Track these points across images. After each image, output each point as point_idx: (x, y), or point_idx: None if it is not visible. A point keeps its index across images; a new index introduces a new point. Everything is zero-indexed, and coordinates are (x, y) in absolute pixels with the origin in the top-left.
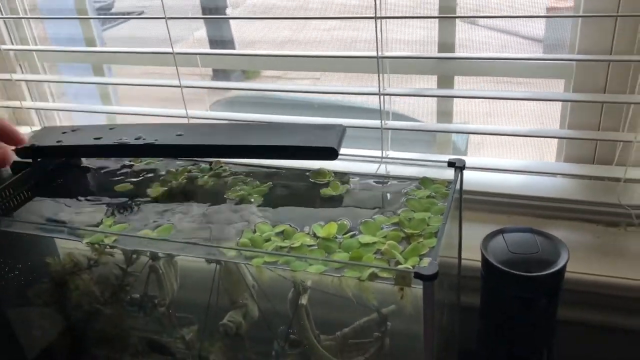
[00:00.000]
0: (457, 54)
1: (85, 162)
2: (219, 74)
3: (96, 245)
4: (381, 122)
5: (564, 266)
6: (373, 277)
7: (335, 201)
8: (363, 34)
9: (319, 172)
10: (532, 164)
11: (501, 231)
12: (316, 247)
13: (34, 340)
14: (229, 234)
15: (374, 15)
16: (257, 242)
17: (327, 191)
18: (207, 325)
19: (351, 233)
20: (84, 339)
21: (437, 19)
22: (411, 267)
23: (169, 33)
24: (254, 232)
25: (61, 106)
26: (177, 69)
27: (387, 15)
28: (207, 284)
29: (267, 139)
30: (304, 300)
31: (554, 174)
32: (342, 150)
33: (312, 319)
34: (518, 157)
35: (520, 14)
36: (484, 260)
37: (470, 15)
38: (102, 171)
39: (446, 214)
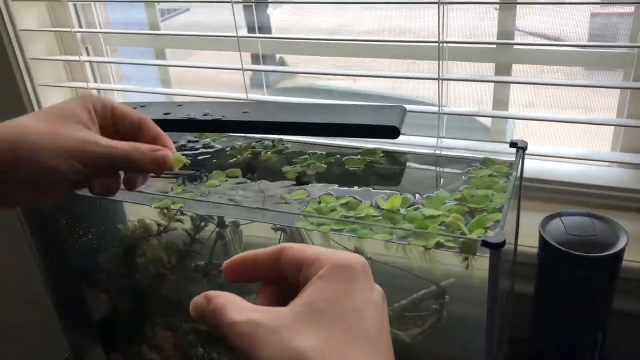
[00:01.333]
0: (516, 41)
1: None
2: (259, 61)
3: (165, 211)
4: (439, 107)
5: (623, 249)
6: (439, 245)
7: (394, 179)
8: (417, 23)
9: (374, 151)
10: (591, 153)
11: (559, 214)
12: (380, 218)
13: (100, 303)
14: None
15: (437, 0)
16: (322, 211)
17: (384, 170)
18: None
19: (415, 206)
20: (147, 304)
21: (498, 6)
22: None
23: (234, 18)
24: (319, 202)
25: (126, 87)
26: (240, 53)
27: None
28: None
29: (330, 117)
30: None
31: (610, 163)
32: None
33: None
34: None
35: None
36: (542, 241)
37: (531, 1)
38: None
39: (511, 186)
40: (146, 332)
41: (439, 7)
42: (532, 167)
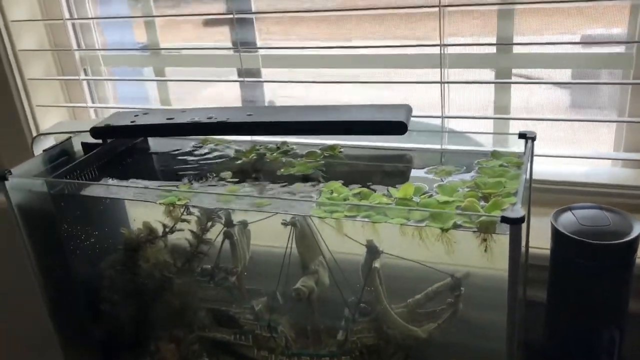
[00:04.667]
0: (516, 42)
1: (153, 148)
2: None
3: (171, 207)
4: (442, 110)
5: (638, 237)
6: (456, 226)
7: (401, 176)
8: (417, 32)
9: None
10: (594, 153)
11: (569, 208)
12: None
13: (101, 316)
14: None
15: (438, 4)
16: (335, 201)
17: (390, 168)
18: (278, 288)
19: (428, 194)
20: (151, 313)
21: (497, 12)
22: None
23: (236, 32)
24: (331, 192)
25: (123, 107)
26: (241, 62)
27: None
28: (278, 259)
29: (336, 116)
30: (377, 264)
31: (614, 164)
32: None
33: (384, 288)
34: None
35: None
36: (555, 233)
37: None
38: (171, 154)
39: (525, 166)
40: (149, 345)
41: (439, 11)
42: (537, 169)
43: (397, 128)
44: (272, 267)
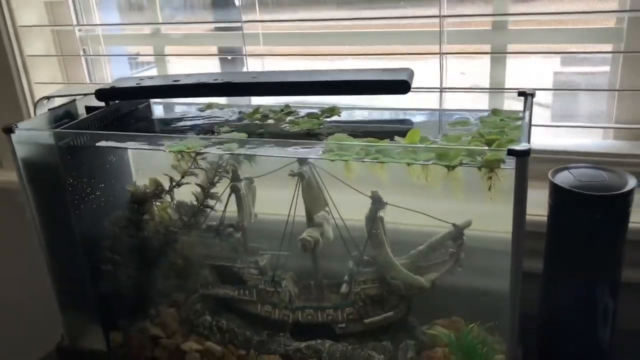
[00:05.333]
0: (513, 12)
1: (156, 114)
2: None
3: (180, 156)
4: (440, 83)
5: (633, 189)
6: (462, 164)
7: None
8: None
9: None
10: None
11: (566, 167)
12: (400, 151)
13: (103, 277)
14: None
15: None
16: (342, 146)
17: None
18: (283, 242)
19: (433, 141)
20: (155, 272)
21: None
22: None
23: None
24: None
25: None
26: (243, 40)
27: None
28: (282, 218)
29: (339, 77)
30: (382, 214)
31: (608, 134)
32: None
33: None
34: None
35: None
36: (553, 188)
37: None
38: (175, 118)
39: (524, 115)
40: (150, 308)
41: None
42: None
43: (401, 86)
44: (276, 225)
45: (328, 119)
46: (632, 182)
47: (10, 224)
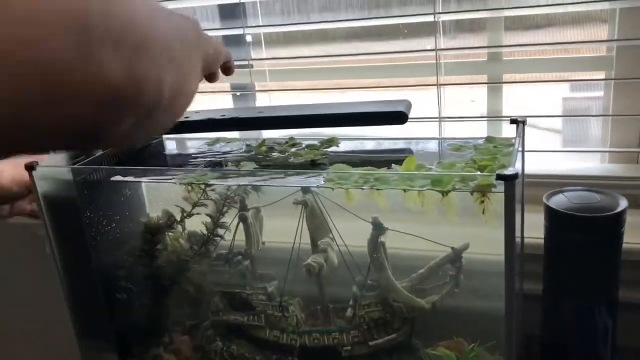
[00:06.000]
0: (505, 7)
1: (168, 149)
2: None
3: (189, 188)
4: (437, 78)
5: (625, 210)
6: (454, 189)
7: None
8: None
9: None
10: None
11: (560, 191)
12: (397, 178)
13: (118, 306)
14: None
15: (432, 12)
16: (342, 176)
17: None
18: (289, 268)
19: (428, 168)
20: (167, 299)
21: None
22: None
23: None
24: None
25: None
26: (250, 75)
27: None
28: (288, 245)
29: (340, 110)
30: (383, 239)
31: (602, 161)
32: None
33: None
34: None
35: None
36: (547, 211)
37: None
38: (185, 153)
39: (516, 142)
40: (164, 336)
41: (434, 17)
42: (528, 167)
43: (398, 117)
44: (282, 253)
45: (328, 149)
46: (623, 204)
47: (30, 257)
